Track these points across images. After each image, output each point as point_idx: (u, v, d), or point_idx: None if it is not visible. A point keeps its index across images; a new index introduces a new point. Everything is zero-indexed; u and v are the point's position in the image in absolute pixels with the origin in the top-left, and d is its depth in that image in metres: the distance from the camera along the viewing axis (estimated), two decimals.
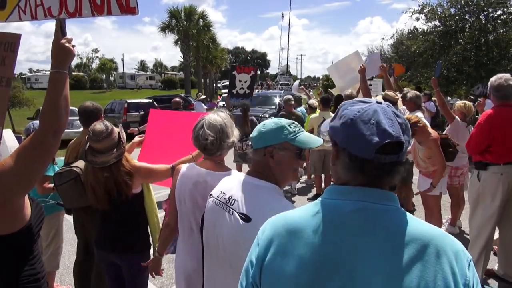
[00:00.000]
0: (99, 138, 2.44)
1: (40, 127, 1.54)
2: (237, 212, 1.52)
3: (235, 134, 2.12)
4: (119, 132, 2.59)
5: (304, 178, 7.88)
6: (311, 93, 13.31)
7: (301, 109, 8.22)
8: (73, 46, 1.71)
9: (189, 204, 2.06)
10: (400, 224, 0.92)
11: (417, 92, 5.71)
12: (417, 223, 0.93)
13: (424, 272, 0.85)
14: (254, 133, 1.59)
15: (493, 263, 3.94)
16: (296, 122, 1.60)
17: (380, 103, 0.98)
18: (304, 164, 7.23)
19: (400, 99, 5.90)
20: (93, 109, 3.23)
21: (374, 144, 0.90)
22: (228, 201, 1.59)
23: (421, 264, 0.86)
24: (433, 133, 4.10)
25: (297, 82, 13.16)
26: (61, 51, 1.67)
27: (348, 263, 0.88)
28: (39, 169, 1.56)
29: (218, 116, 2.08)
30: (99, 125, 2.50)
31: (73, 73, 60.38)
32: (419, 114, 5.07)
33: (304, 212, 1.01)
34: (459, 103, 5.21)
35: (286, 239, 0.97)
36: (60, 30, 1.97)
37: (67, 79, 1.64)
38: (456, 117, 4.83)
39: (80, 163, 2.94)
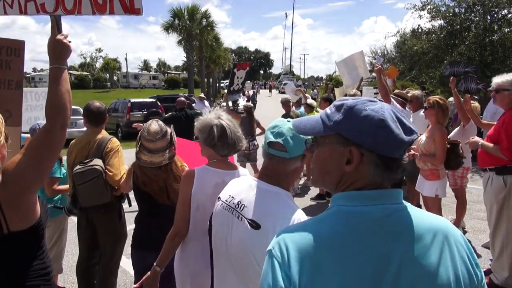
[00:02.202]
0: (153, 139, 2.45)
1: (48, 122, 1.58)
2: (246, 219, 1.47)
3: None
4: (171, 134, 2.60)
5: (303, 179, 7.85)
6: (314, 91, 13.07)
7: (301, 110, 8.21)
8: (69, 41, 1.76)
9: (209, 208, 2.00)
10: (419, 219, 0.92)
11: (420, 91, 5.71)
12: (428, 216, 0.95)
13: (453, 262, 0.88)
14: (289, 140, 1.47)
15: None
16: None
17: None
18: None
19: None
20: (104, 110, 3.24)
21: (406, 143, 0.89)
22: (237, 206, 1.54)
23: (449, 255, 0.89)
24: (443, 131, 4.06)
25: (291, 83, 12.75)
26: (59, 47, 1.72)
27: (391, 269, 0.85)
28: (49, 164, 1.61)
29: (229, 119, 2.13)
30: (154, 125, 2.52)
31: (77, 72, 60.70)
32: (422, 113, 5.06)
33: (328, 224, 0.92)
34: (473, 104, 5.13)
35: (321, 256, 0.86)
36: (56, 27, 1.98)
37: (67, 74, 1.70)
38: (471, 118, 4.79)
39: (99, 161, 2.95)
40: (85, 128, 3.29)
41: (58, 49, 1.71)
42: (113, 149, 3.07)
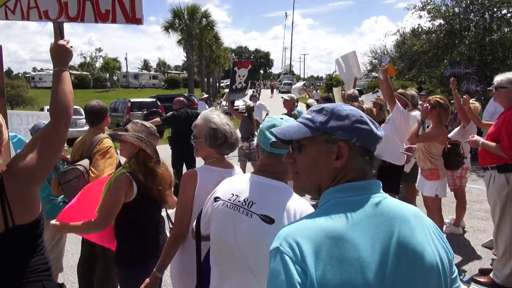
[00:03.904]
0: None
1: (52, 120, 1.69)
2: (258, 214, 1.47)
3: None
4: None
5: None
6: (317, 92, 13.21)
7: (298, 109, 8.22)
8: (71, 46, 1.92)
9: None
10: (400, 205, 1.01)
11: (413, 92, 5.70)
12: (404, 203, 1.04)
13: (432, 240, 0.98)
14: None
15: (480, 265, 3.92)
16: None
17: None
18: None
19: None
20: (98, 109, 3.24)
21: (379, 137, 1.04)
22: (244, 203, 1.53)
23: (428, 234, 0.99)
24: (443, 130, 4.06)
25: (299, 83, 12.98)
26: (62, 52, 1.86)
27: (391, 249, 0.92)
28: (53, 159, 1.72)
29: (226, 118, 2.16)
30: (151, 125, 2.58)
31: (77, 72, 60.76)
32: (416, 113, 5.04)
33: (331, 215, 0.95)
34: (473, 104, 5.12)
35: (335, 246, 0.89)
36: (59, 33, 2.05)
37: (69, 75, 1.85)
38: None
39: (85, 162, 2.95)
40: (85, 128, 3.31)
41: (61, 54, 1.85)
42: (100, 150, 3.02)
